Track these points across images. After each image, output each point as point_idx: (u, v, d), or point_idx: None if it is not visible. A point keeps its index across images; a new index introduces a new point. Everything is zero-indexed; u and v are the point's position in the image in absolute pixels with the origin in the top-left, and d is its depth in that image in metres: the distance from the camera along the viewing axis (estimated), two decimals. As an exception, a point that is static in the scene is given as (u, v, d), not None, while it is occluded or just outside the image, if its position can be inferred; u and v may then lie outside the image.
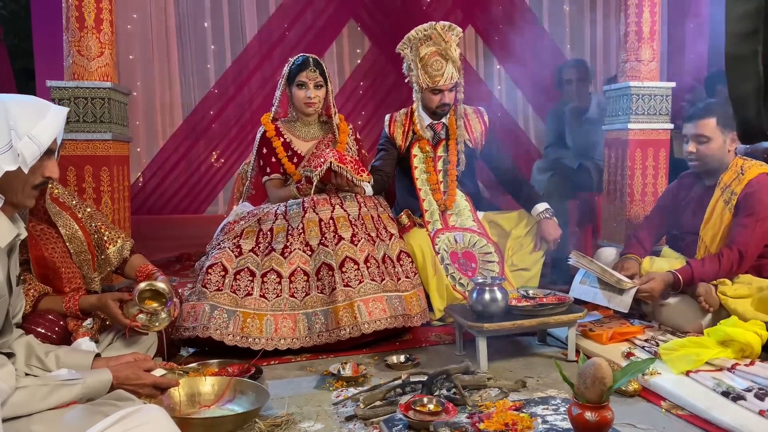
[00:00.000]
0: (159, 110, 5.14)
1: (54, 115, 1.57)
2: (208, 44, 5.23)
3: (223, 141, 5.28)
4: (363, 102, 5.61)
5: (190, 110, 5.19)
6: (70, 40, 2.65)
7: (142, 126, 5.13)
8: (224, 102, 5.25)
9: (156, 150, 5.14)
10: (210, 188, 5.28)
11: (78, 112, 2.65)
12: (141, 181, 5.11)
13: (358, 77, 5.58)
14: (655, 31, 3.17)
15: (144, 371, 1.71)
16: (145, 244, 4.72)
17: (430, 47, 2.86)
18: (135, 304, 1.86)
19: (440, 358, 2.40)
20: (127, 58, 5.03)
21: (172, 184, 5.17)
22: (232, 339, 2.33)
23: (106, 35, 2.70)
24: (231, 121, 5.27)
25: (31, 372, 1.68)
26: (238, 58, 5.25)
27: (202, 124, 5.22)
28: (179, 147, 5.18)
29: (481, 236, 2.99)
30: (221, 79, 5.24)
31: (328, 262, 2.44)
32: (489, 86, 5.79)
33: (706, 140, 2.58)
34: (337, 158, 2.57)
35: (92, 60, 2.64)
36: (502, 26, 5.76)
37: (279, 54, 5.32)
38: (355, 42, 5.57)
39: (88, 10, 2.62)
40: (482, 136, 3.08)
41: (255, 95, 5.28)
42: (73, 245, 2.00)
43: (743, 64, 0.91)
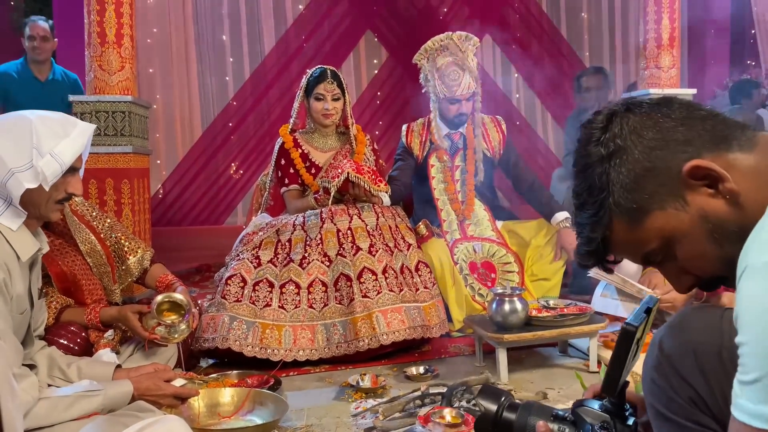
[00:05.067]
0: (179, 122, 5.21)
1: (79, 133, 1.59)
2: (227, 57, 5.30)
3: (242, 152, 5.32)
4: (380, 112, 5.63)
5: (209, 122, 5.25)
6: (92, 56, 2.70)
7: (162, 138, 5.19)
8: (243, 114, 5.30)
9: (176, 162, 5.20)
10: (229, 199, 5.32)
11: (99, 126, 2.69)
12: (161, 192, 5.16)
13: (375, 87, 5.60)
14: (675, 38, 3.14)
15: (164, 382, 1.73)
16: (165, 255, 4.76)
17: (447, 57, 2.87)
18: (153, 317, 1.87)
19: (460, 369, 2.38)
20: (147, 71, 5.11)
21: (192, 196, 5.22)
22: (251, 350, 2.34)
23: (126, 50, 2.75)
24: (250, 132, 5.32)
25: (53, 383, 1.70)
26: (256, 71, 5.31)
27: (222, 135, 5.27)
28: (199, 159, 5.23)
29: (500, 246, 2.97)
30: (240, 91, 5.29)
31: (346, 273, 2.44)
32: (507, 95, 5.78)
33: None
34: (355, 169, 2.58)
35: (113, 74, 2.68)
36: (519, 34, 5.75)
37: (297, 65, 5.37)
38: (372, 53, 5.59)
39: (109, 26, 2.67)
40: (500, 145, 3.07)
41: (273, 107, 5.32)
42: (92, 259, 2.03)
43: None
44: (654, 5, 3.14)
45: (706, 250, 0.82)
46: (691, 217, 0.82)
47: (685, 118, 0.84)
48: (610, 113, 0.87)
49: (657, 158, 0.82)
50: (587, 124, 0.89)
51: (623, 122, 0.85)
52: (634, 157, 0.83)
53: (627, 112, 0.86)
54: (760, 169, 0.79)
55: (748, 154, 0.81)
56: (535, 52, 5.71)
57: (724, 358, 0.77)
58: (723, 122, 0.84)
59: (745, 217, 0.78)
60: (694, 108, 0.86)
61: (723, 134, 0.82)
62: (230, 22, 5.25)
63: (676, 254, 0.85)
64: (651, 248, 0.86)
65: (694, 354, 0.85)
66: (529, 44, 5.71)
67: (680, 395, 0.84)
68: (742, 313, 0.71)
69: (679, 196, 0.82)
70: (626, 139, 0.84)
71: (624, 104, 0.88)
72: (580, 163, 0.89)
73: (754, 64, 6.26)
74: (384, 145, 5.56)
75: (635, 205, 0.83)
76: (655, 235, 0.84)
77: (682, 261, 0.85)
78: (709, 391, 0.82)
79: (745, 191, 0.79)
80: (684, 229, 0.83)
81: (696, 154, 0.81)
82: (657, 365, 0.88)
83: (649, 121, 0.84)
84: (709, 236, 0.81)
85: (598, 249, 0.88)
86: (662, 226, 0.83)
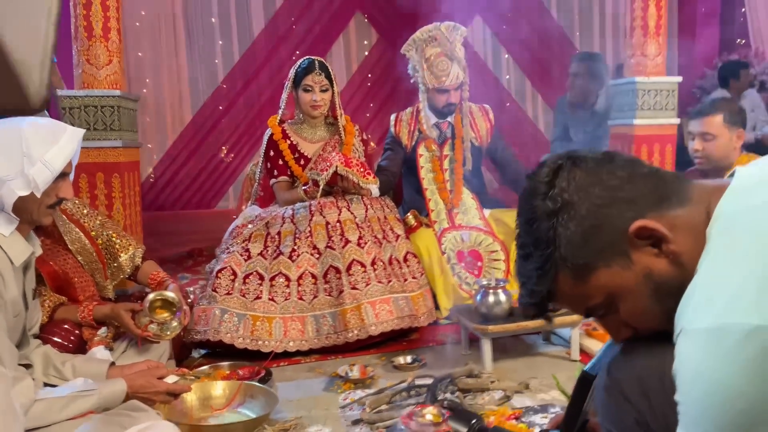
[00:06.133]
0: (169, 106, 5.20)
1: (69, 139, 1.62)
2: (216, 40, 5.27)
3: (233, 136, 5.32)
4: (371, 94, 5.63)
5: (199, 106, 5.24)
6: (79, 50, 2.69)
7: (152, 122, 5.18)
8: (233, 97, 5.29)
9: (166, 146, 5.20)
10: (220, 183, 5.33)
11: (88, 120, 2.70)
12: (152, 177, 5.17)
13: (366, 69, 5.59)
14: (661, 26, 3.15)
15: (157, 379, 1.77)
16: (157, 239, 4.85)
17: (436, 48, 2.88)
18: (146, 315, 1.91)
19: (446, 357, 2.44)
20: (136, 54, 5.08)
21: (183, 180, 5.23)
22: (242, 342, 2.39)
23: (114, 44, 2.74)
24: (240, 116, 5.31)
25: (48, 381, 1.75)
26: (245, 54, 5.28)
27: (212, 119, 5.27)
28: (189, 143, 5.23)
29: (487, 234, 3.02)
30: (229, 74, 5.27)
31: (335, 265, 2.49)
32: (497, 76, 5.78)
33: (712, 138, 2.57)
34: (343, 162, 2.61)
35: (101, 69, 2.68)
36: (510, 15, 5.73)
37: (286, 48, 5.35)
38: (362, 34, 5.57)
39: (96, 19, 2.66)
40: (488, 134, 3.11)
41: (263, 90, 5.31)
42: (82, 257, 2.06)
43: None
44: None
45: (648, 306, 0.85)
46: (635, 275, 0.84)
47: (629, 175, 0.86)
48: (555, 167, 0.88)
49: (604, 216, 0.84)
50: (532, 176, 0.90)
51: (570, 177, 0.86)
52: (582, 214, 0.84)
53: (573, 167, 0.87)
54: (695, 224, 0.82)
55: (686, 208, 0.84)
56: (525, 32, 5.69)
57: (666, 384, 0.80)
58: (664, 178, 0.87)
59: (685, 274, 0.80)
60: (637, 165, 0.89)
61: (664, 192, 0.85)
62: (219, 3, 5.21)
63: (619, 309, 0.87)
64: (595, 303, 0.88)
65: (639, 379, 0.87)
66: (519, 25, 5.69)
67: (627, 416, 0.88)
68: (679, 373, 0.75)
69: (624, 254, 0.84)
70: (573, 194, 0.85)
71: (569, 158, 0.89)
72: (526, 215, 0.90)
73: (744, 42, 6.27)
74: (375, 127, 5.58)
75: (582, 261, 0.85)
76: (599, 291, 0.86)
77: (624, 315, 0.88)
78: (653, 414, 0.86)
79: (685, 250, 0.82)
80: (628, 287, 0.85)
81: (641, 213, 0.83)
82: (607, 387, 0.91)
83: (594, 178, 0.86)
84: (652, 294, 0.84)
85: (541, 301, 0.90)
86: (607, 282, 0.85)
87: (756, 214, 0.77)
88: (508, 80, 5.87)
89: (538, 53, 5.75)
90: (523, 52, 5.73)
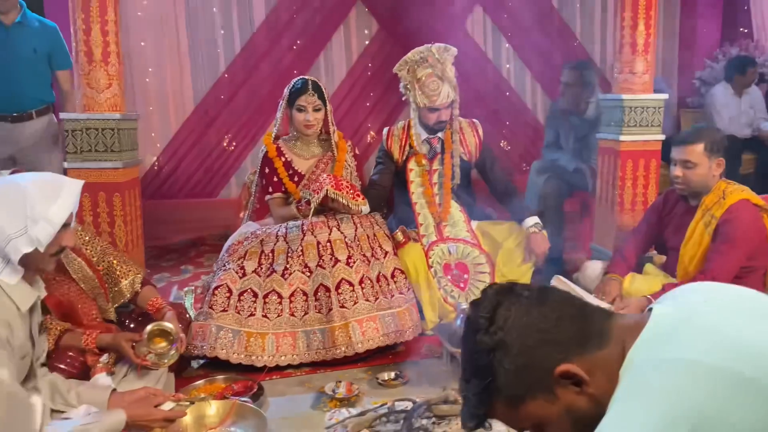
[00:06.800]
0: (171, 96, 5.28)
1: (69, 192, 1.74)
2: (217, 30, 5.31)
3: (235, 125, 5.40)
4: (372, 83, 5.67)
5: (202, 95, 5.31)
6: (80, 74, 2.79)
7: (155, 111, 5.27)
8: (235, 87, 5.35)
9: (170, 135, 5.30)
10: (223, 172, 5.44)
11: (90, 142, 2.82)
12: (156, 166, 5.29)
13: (367, 59, 5.62)
14: (650, 44, 3.20)
15: (154, 407, 1.94)
16: (162, 227, 5.01)
17: (427, 69, 2.96)
18: (144, 345, 2.06)
19: (429, 373, 2.58)
20: (139, 45, 5.15)
21: (187, 169, 5.34)
22: (237, 357, 2.55)
23: (113, 67, 2.83)
24: (242, 105, 5.38)
25: (56, 407, 1.91)
26: (247, 44, 5.32)
27: (214, 109, 5.34)
28: (192, 132, 5.32)
29: (474, 247, 3.14)
30: (231, 64, 5.33)
31: (325, 284, 2.63)
32: (497, 66, 5.81)
33: (693, 165, 2.66)
34: (334, 185, 2.72)
35: (101, 92, 2.78)
36: (510, 4, 5.73)
37: (288, 37, 5.39)
38: (363, 24, 5.59)
39: (95, 44, 2.75)
40: (476, 150, 3.20)
41: (265, 80, 5.37)
42: (85, 284, 2.21)
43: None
44: (630, 11, 3.19)
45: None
46: (558, 409, 0.98)
47: (558, 318, 0.99)
48: (495, 303, 1.01)
49: (534, 357, 0.97)
50: (475, 306, 1.04)
51: (507, 315, 0.99)
52: (515, 353, 0.98)
53: (510, 306, 1.00)
54: (611, 365, 0.95)
55: (604, 350, 0.97)
56: (526, 22, 5.70)
57: None
58: (589, 320, 1.00)
59: (600, 411, 0.93)
60: (567, 306, 1.01)
61: (588, 334, 0.98)
62: (220, -7, 5.24)
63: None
64: (525, 426, 1.03)
65: None
66: (520, 14, 5.69)
67: None
68: None
69: (550, 390, 0.97)
70: (509, 333, 0.98)
71: (507, 293, 1.03)
72: (468, 346, 1.04)
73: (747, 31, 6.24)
74: (375, 118, 5.66)
75: (514, 393, 0.99)
76: (528, 418, 1.01)
77: None
78: None
79: (601, 391, 0.95)
80: (552, 418, 0.99)
81: (566, 356, 0.96)
82: None
83: (528, 318, 0.99)
84: (572, 424, 0.98)
85: (479, 419, 1.05)
86: (535, 412, 0.99)
87: (663, 368, 0.89)
88: (508, 69, 5.89)
89: (539, 43, 5.76)
90: (524, 42, 5.75)
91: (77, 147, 2.82)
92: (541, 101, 5.90)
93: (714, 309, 0.96)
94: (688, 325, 0.92)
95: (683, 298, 1.00)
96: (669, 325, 0.94)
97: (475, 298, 1.08)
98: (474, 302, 1.06)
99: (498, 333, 0.99)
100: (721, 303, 0.97)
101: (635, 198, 3.41)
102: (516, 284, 1.06)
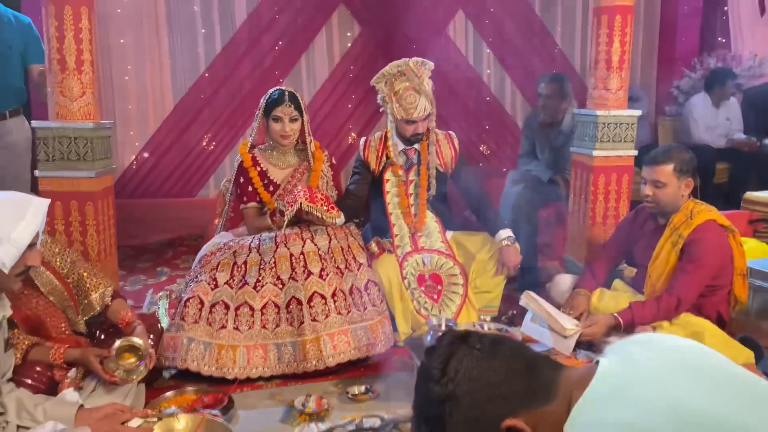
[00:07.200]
0: (150, 94, 5.23)
1: (34, 212, 1.74)
2: (198, 28, 5.27)
3: (215, 125, 5.37)
4: (354, 86, 5.66)
5: (182, 94, 5.27)
6: (53, 82, 2.76)
7: (134, 109, 5.23)
8: (215, 86, 5.32)
9: (149, 133, 5.25)
10: (202, 172, 5.41)
11: (62, 151, 2.78)
12: (134, 164, 5.25)
13: (348, 62, 5.61)
14: (624, 61, 3.24)
15: (121, 424, 1.94)
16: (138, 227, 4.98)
17: (404, 83, 2.98)
18: (113, 361, 2.06)
19: (399, 387, 2.59)
20: (118, 42, 5.09)
21: (165, 168, 5.30)
22: (208, 369, 2.56)
23: (87, 76, 2.81)
24: (222, 105, 5.35)
25: (22, 424, 1.91)
26: (228, 43, 5.29)
27: (194, 108, 5.31)
28: (171, 131, 5.28)
29: (448, 258, 3.17)
30: (212, 63, 5.29)
31: (297, 297, 2.64)
32: (478, 71, 5.83)
33: (662, 185, 2.72)
34: (308, 197, 2.73)
35: (74, 101, 2.75)
36: (492, 9, 5.75)
37: (269, 38, 5.37)
38: (345, 27, 5.57)
39: (69, 53, 2.72)
40: (452, 161, 3.22)
41: (245, 80, 5.34)
42: (54, 297, 2.20)
43: None
44: (606, 28, 3.22)
45: None
46: None
47: (507, 373, 1.02)
48: (448, 354, 1.04)
49: (483, 410, 1.00)
50: (429, 354, 1.07)
51: (458, 367, 1.02)
52: (464, 405, 1.01)
53: (462, 357, 1.03)
54: (557, 419, 0.98)
55: (551, 404, 1.00)
56: (507, 28, 5.73)
57: None
58: (538, 375, 1.03)
59: None
60: (517, 359, 1.04)
61: (536, 388, 1.01)
62: (201, -9, 5.20)
63: None
64: None
65: None
66: (501, 20, 5.72)
67: None
68: None
69: None
70: (459, 386, 1.01)
71: (460, 344, 1.05)
72: (421, 395, 1.07)
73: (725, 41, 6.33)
74: (356, 120, 5.66)
75: None
76: None
77: None
78: None
79: None
80: None
81: (513, 410, 1.00)
82: None
83: (478, 371, 1.02)
84: None
85: None
86: None
87: None
88: (489, 75, 5.92)
89: (520, 49, 5.80)
90: (504, 48, 5.78)
91: (49, 155, 2.78)
92: (521, 106, 5.94)
93: (657, 369, 0.98)
94: (630, 387, 0.95)
95: (630, 355, 1.03)
96: (613, 384, 0.97)
97: (431, 345, 1.10)
98: (429, 350, 1.08)
99: (449, 385, 1.01)
100: (666, 364, 1.00)
101: (607, 212, 3.46)
102: (470, 334, 1.08)
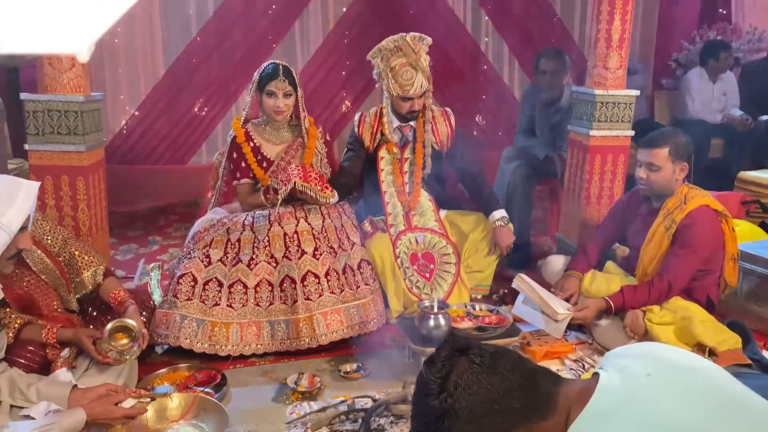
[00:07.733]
0: (141, 58, 5.13)
1: (25, 196, 1.71)
2: (189, -9, 5.14)
3: (207, 90, 5.29)
4: (348, 52, 5.57)
5: (173, 59, 5.17)
6: (42, 53, 2.69)
7: (124, 74, 5.13)
8: (207, 51, 5.21)
9: (139, 98, 5.17)
10: (194, 138, 5.35)
11: (52, 125, 2.73)
12: (126, 130, 5.18)
13: (344, 27, 5.50)
14: (625, 39, 3.18)
15: (114, 405, 1.95)
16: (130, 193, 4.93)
17: (401, 58, 2.92)
18: (106, 341, 2.06)
19: (391, 365, 2.62)
20: (107, 3, 4.96)
21: (157, 134, 5.23)
22: (200, 346, 2.57)
23: (76, 47, 2.72)
24: (214, 70, 5.26)
25: (15, 403, 1.92)
26: (220, 6, 5.17)
27: (186, 72, 5.22)
28: (163, 96, 5.20)
29: (441, 237, 3.16)
30: (204, 27, 5.18)
31: (291, 275, 2.64)
32: (476, 40, 5.74)
33: (657, 169, 2.71)
34: (302, 176, 2.70)
35: (64, 72, 2.69)
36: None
37: (262, 1, 5.25)
38: (340, -10, 5.46)
39: (58, 23, 2.63)
40: (448, 139, 3.19)
41: (239, 45, 5.24)
42: (45, 275, 2.18)
43: None
44: (608, 5, 3.15)
45: None
46: None
47: (507, 389, 1.02)
48: (448, 369, 1.04)
49: (482, 426, 1.01)
50: (428, 367, 1.06)
51: (457, 382, 1.03)
52: (463, 421, 1.02)
53: (461, 372, 1.03)
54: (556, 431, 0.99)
55: (549, 420, 1.01)
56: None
57: None
58: (537, 389, 1.03)
59: None
60: (517, 374, 1.04)
61: (534, 404, 1.02)
62: (193, -48, 5.05)
63: None
64: None
65: None
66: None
67: None
68: None
69: None
70: (458, 401, 1.02)
71: (460, 355, 1.05)
72: (419, 409, 1.07)
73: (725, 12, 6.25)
74: (350, 88, 5.58)
75: None
76: None
77: None
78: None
79: None
80: None
81: (512, 426, 1.01)
82: None
83: (477, 386, 1.02)
84: None
85: None
86: None
87: None
88: (487, 43, 5.83)
89: (518, 18, 5.71)
90: (503, 16, 5.69)
91: (39, 129, 2.72)
92: (518, 76, 5.88)
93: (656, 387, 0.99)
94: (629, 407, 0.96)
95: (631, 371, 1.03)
96: (612, 402, 0.98)
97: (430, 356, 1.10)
98: (428, 362, 1.08)
99: (448, 400, 1.02)
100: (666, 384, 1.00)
101: (602, 192, 3.45)
102: (470, 347, 1.08)
